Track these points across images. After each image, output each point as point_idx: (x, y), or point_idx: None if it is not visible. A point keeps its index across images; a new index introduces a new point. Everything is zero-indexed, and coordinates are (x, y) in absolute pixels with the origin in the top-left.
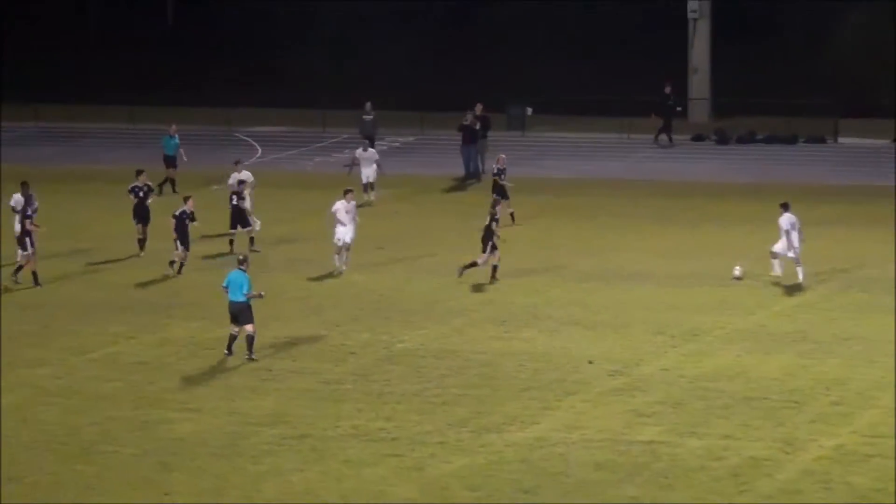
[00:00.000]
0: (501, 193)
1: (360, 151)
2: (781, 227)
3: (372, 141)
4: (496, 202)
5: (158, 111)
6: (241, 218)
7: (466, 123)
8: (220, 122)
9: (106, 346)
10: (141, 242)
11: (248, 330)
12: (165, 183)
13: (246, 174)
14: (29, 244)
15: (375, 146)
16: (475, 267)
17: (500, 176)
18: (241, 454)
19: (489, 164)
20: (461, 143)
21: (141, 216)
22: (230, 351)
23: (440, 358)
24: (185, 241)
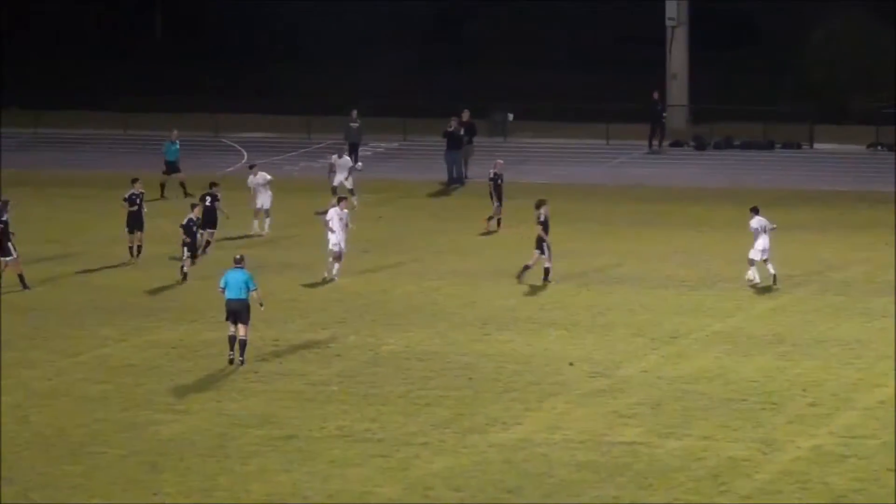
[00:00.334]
0: (499, 196)
1: (335, 158)
2: (752, 229)
3: (356, 147)
4: (541, 204)
5: (148, 118)
6: (212, 220)
7: (451, 130)
8: (206, 128)
9: (95, 348)
10: (133, 250)
11: (241, 333)
12: (165, 187)
13: (262, 175)
14: (11, 248)
15: (360, 152)
16: (528, 269)
17: (496, 181)
18: (228, 455)
19: (474, 169)
20: (446, 148)
21: (135, 224)
22: (234, 351)
23: (424, 360)
24: (192, 248)
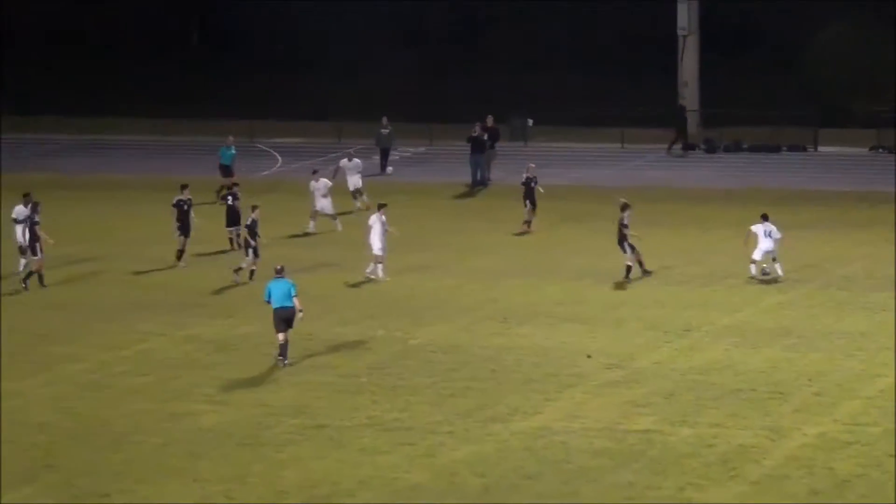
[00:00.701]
0: (531, 199)
1: (344, 161)
2: (756, 233)
3: (388, 153)
4: (625, 206)
5: (184, 124)
6: (234, 218)
7: (475, 135)
8: (244, 133)
9: (136, 343)
10: (180, 253)
11: (280, 338)
12: (222, 191)
13: (324, 181)
14: (39, 250)
15: (390, 157)
16: (630, 269)
17: (529, 184)
18: (263, 443)
19: (496, 172)
20: (470, 152)
21: (183, 229)
22: (285, 357)
23: (449, 353)
24: (255, 248)
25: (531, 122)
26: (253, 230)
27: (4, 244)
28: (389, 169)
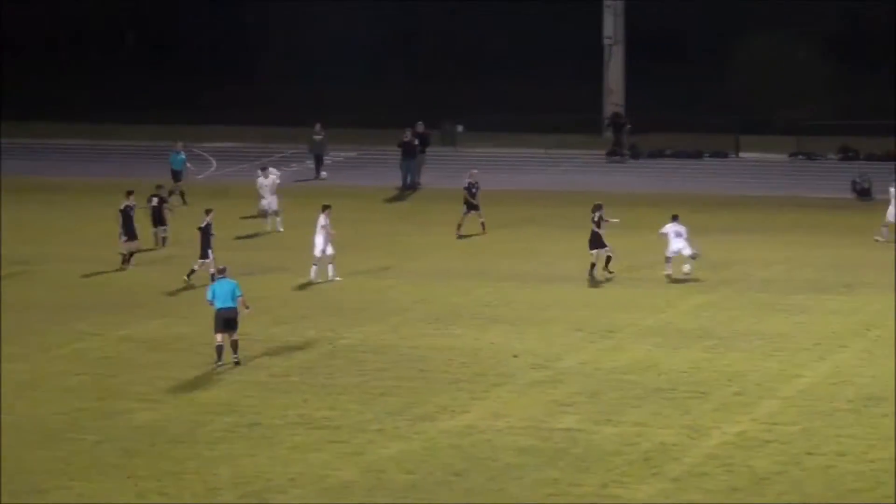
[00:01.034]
0: (470, 205)
1: (260, 180)
2: (668, 234)
3: (321, 159)
4: (596, 208)
5: (118, 129)
6: (161, 218)
7: (406, 140)
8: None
9: (72, 342)
10: (127, 257)
11: (233, 336)
12: (173, 195)
13: (272, 179)
14: None
15: (324, 162)
16: (594, 267)
17: (469, 190)
18: (197, 441)
19: (425, 177)
20: (401, 157)
21: (129, 234)
22: (221, 359)
23: (378, 353)
24: (205, 250)
25: (461, 128)
26: (207, 233)
27: None
28: (324, 174)
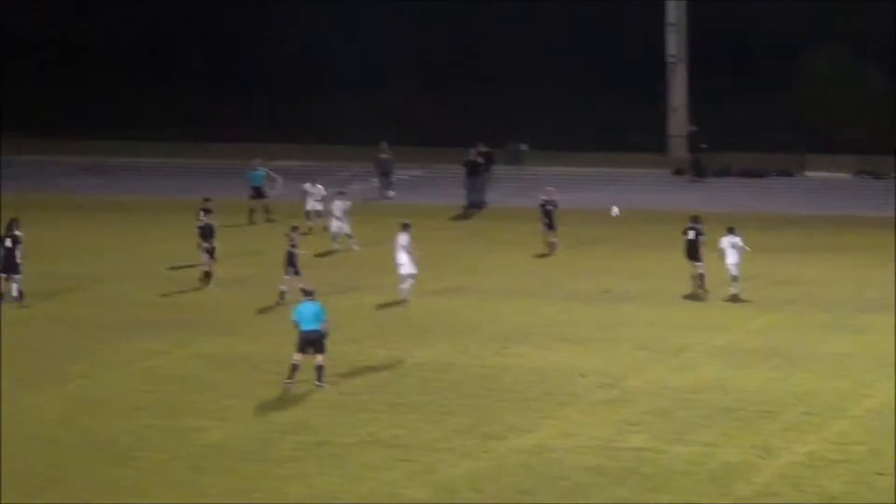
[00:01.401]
0: (549, 222)
1: (308, 185)
2: (724, 248)
3: (388, 177)
4: (695, 219)
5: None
6: (208, 235)
7: (471, 158)
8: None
9: (142, 360)
10: (206, 274)
11: (318, 360)
12: (253, 213)
13: (339, 203)
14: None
15: (391, 180)
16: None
17: (544, 208)
18: (267, 459)
19: (490, 195)
20: (466, 175)
21: (209, 250)
22: (293, 377)
23: (447, 371)
24: (294, 268)
25: (525, 147)
26: (292, 252)
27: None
28: (392, 193)
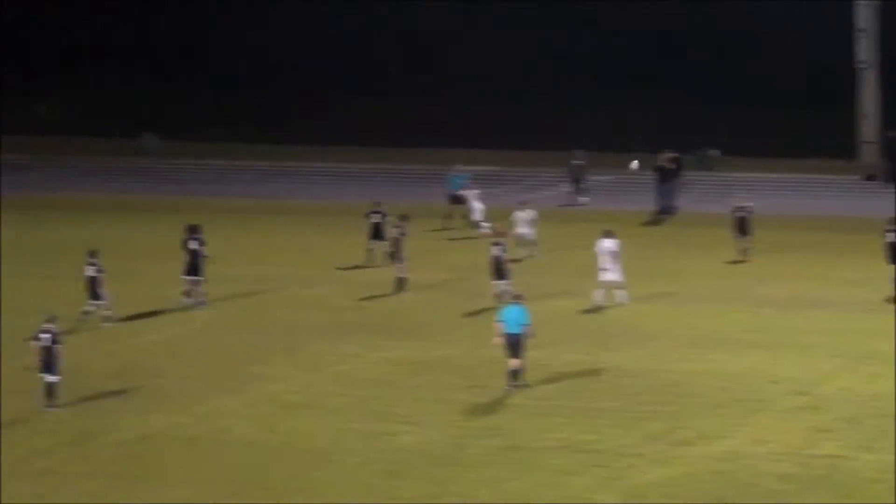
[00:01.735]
0: (743, 230)
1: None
2: None
3: (580, 183)
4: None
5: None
6: (378, 233)
7: (662, 164)
8: (435, 162)
9: (336, 364)
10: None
11: (514, 363)
12: (450, 218)
13: (529, 212)
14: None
15: (583, 186)
16: None
17: (737, 213)
18: (458, 463)
19: (681, 200)
20: (657, 181)
21: (396, 257)
22: (516, 380)
23: (638, 377)
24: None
25: (717, 152)
26: (498, 257)
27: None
28: (585, 199)
